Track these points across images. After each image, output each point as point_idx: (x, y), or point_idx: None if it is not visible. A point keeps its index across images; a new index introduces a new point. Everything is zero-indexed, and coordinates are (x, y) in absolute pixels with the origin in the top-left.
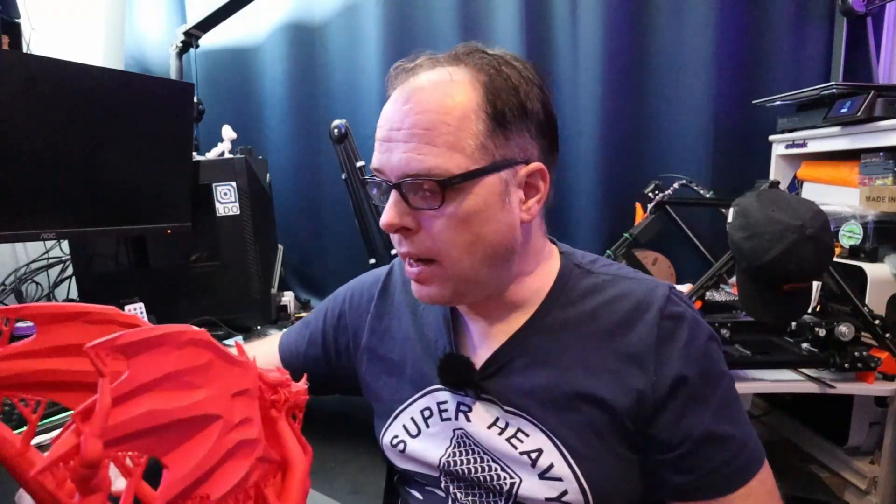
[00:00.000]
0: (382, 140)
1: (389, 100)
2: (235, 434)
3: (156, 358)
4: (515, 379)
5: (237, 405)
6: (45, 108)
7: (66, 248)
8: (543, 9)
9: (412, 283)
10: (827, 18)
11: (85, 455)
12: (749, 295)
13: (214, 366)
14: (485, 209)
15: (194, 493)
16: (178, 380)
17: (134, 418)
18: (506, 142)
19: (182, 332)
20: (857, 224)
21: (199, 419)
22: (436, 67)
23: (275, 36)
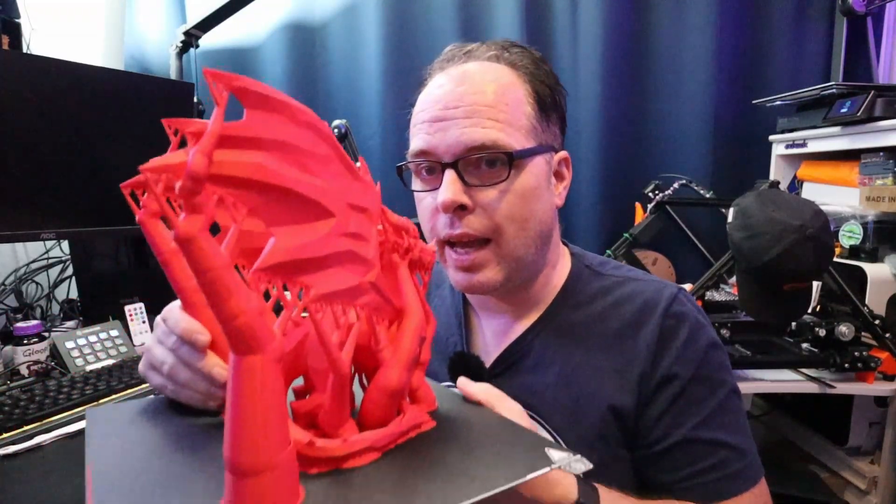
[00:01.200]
0: (433, 121)
1: (433, 85)
2: (347, 242)
3: (274, 120)
4: (524, 378)
5: (353, 217)
6: (44, 108)
7: (66, 248)
8: (543, 9)
9: (457, 272)
10: (827, 18)
11: (191, 166)
12: (749, 295)
13: (333, 164)
14: (537, 186)
15: (295, 277)
16: (295, 155)
17: (243, 163)
18: (547, 127)
19: (304, 111)
20: (857, 224)
21: (310, 204)
22: (482, 56)
23: (275, 36)
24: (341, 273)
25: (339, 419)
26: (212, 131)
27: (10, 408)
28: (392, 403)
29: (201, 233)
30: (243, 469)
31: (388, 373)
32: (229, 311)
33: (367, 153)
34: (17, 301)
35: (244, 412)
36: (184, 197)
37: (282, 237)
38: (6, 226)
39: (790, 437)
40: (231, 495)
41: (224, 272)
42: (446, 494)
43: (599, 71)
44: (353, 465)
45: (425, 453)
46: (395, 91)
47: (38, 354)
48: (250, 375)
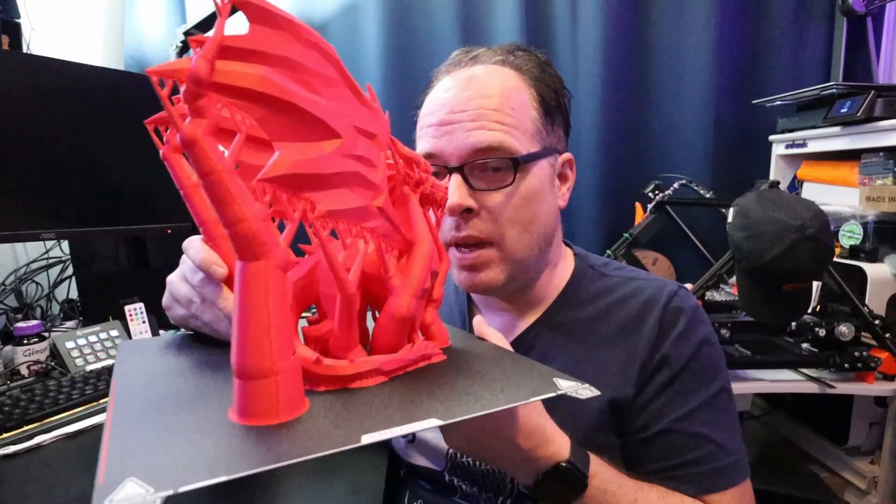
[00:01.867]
0: (439, 125)
1: (439, 88)
2: (354, 164)
3: (278, 37)
4: None
5: (361, 141)
6: (44, 108)
7: (66, 248)
8: (543, 9)
9: (461, 272)
10: (827, 18)
11: (194, 69)
12: (749, 295)
13: (340, 88)
14: (541, 190)
15: (300, 191)
16: (299, 73)
17: (247, 74)
18: (552, 130)
19: (309, 31)
20: (857, 224)
21: (315, 122)
22: (488, 61)
23: None
24: (348, 194)
25: (348, 342)
26: (214, 38)
27: (10, 408)
28: (401, 330)
29: (204, 136)
30: (249, 372)
31: (397, 300)
32: (233, 215)
33: None
34: (17, 301)
35: (249, 316)
36: (187, 100)
37: (286, 151)
38: (6, 226)
39: (790, 437)
40: (238, 400)
41: (227, 176)
42: (448, 408)
43: (599, 71)
44: (360, 386)
45: (433, 379)
46: (395, 91)
47: (38, 354)
48: (255, 281)
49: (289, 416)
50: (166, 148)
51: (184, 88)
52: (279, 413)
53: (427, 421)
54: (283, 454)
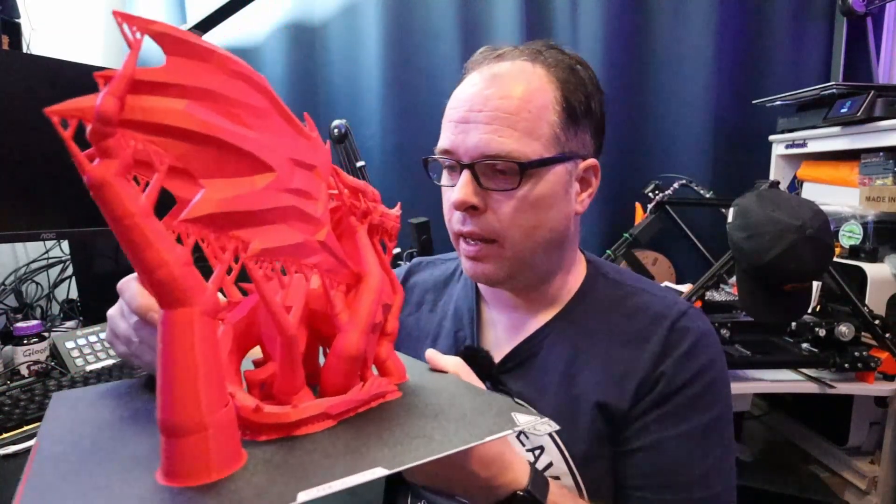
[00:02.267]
0: (458, 121)
1: (466, 83)
2: (290, 198)
3: (199, 69)
4: (531, 376)
5: (298, 174)
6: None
7: (66, 248)
8: (543, 9)
9: (466, 261)
10: (827, 18)
11: (100, 107)
12: (749, 295)
13: (272, 119)
14: (551, 196)
15: (229, 230)
16: (224, 105)
17: (164, 109)
18: (574, 136)
19: (234, 60)
20: (857, 224)
21: (245, 157)
22: (518, 59)
23: (275, 36)
24: (285, 230)
25: (293, 386)
26: (123, 74)
27: (10, 408)
28: (351, 370)
29: (115, 178)
30: (175, 429)
31: (345, 338)
32: (149, 263)
33: (367, 153)
34: (17, 301)
35: (174, 368)
36: (93, 140)
37: (212, 189)
38: (6, 226)
39: (790, 437)
40: (165, 459)
41: (141, 220)
42: (396, 454)
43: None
44: (307, 432)
45: (385, 420)
46: (395, 91)
47: (38, 354)
48: (179, 329)
49: (222, 472)
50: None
51: (89, 128)
52: (210, 471)
53: (371, 471)
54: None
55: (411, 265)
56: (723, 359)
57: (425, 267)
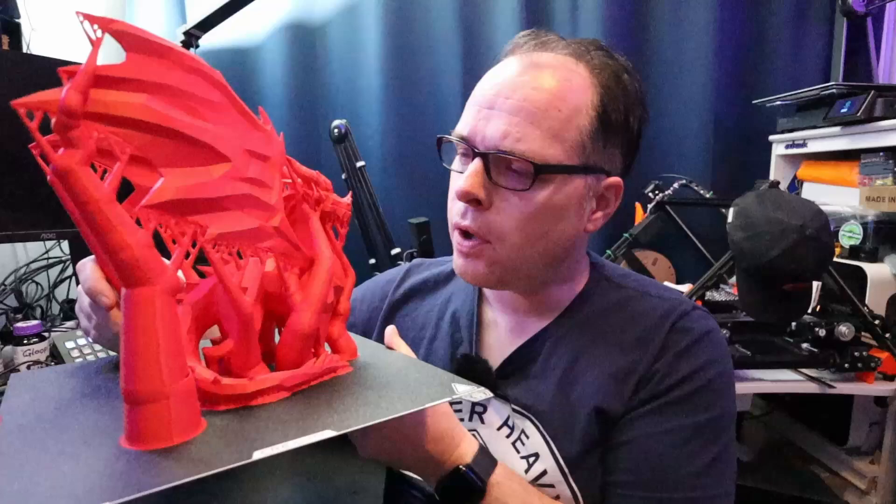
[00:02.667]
0: (482, 105)
1: (501, 65)
2: (246, 187)
3: (157, 64)
4: (530, 382)
5: (253, 164)
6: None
7: (66, 248)
8: (543, 9)
9: (458, 256)
10: (827, 18)
11: (64, 101)
12: (749, 295)
13: (227, 112)
14: (563, 207)
15: (187, 216)
16: (182, 99)
17: (124, 102)
18: (602, 149)
19: (190, 56)
20: (857, 224)
21: (202, 147)
22: (562, 52)
23: (275, 36)
24: (240, 216)
25: (249, 361)
26: (85, 69)
27: None
28: (304, 346)
29: (80, 166)
30: (138, 397)
31: (298, 316)
32: (113, 244)
33: (367, 153)
34: (17, 301)
35: (136, 341)
36: (58, 132)
37: (171, 177)
38: (6, 226)
39: (790, 437)
40: (128, 425)
41: (105, 205)
42: (343, 419)
43: None
44: (262, 402)
45: (336, 392)
46: (395, 91)
47: (38, 354)
48: (141, 306)
49: (182, 437)
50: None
51: (54, 120)
52: (172, 436)
53: (322, 433)
54: (170, 476)
55: (411, 265)
56: (725, 359)
57: (425, 268)
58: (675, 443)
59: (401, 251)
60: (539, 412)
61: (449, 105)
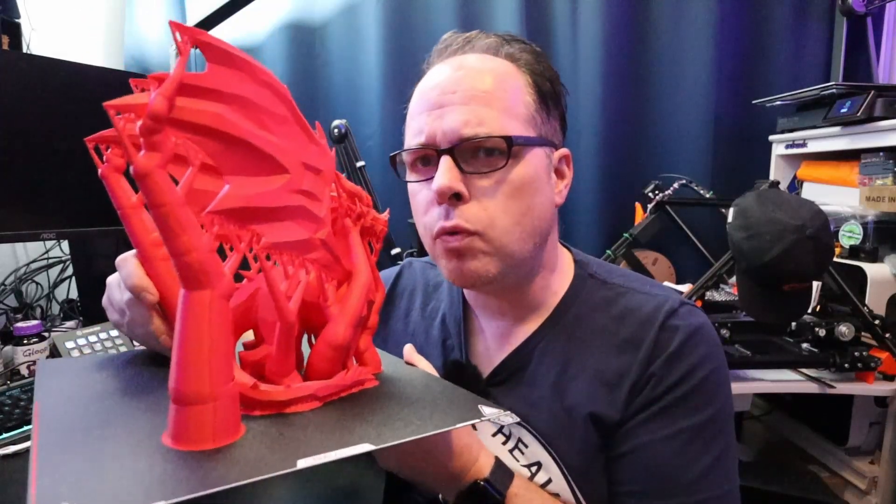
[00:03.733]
0: (431, 108)
1: (434, 71)
2: (300, 199)
3: (234, 76)
4: (522, 389)
5: (307, 176)
6: (45, 108)
7: (66, 248)
8: (543, 9)
9: (449, 262)
10: (827, 18)
11: (152, 106)
12: (749, 295)
13: (290, 125)
14: (536, 179)
15: (247, 224)
16: (252, 111)
17: (203, 111)
18: (547, 121)
19: (263, 71)
20: (857, 224)
21: (265, 158)
22: (481, 49)
23: (275, 36)
24: (293, 227)
25: (285, 368)
26: (173, 77)
27: (10, 408)
28: (337, 357)
29: (158, 169)
30: (186, 398)
31: (334, 328)
32: (181, 246)
33: (367, 153)
34: (17, 301)
35: (189, 344)
36: (143, 135)
37: (236, 185)
38: (6, 226)
39: (790, 437)
40: (174, 424)
41: (178, 208)
42: (380, 433)
43: (599, 71)
44: (295, 410)
45: (365, 404)
46: (395, 91)
47: (38, 354)
48: (199, 309)
49: (224, 441)
50: (106, 167)
51: (140, 123)
52: (214, 438)
53: (360, 446)
54: (219, 479)
55: (402, 266)
56: (717, 354)
57: (417, 269)
58: (677, 447)
59: (401, 251)
60: (535, 421)
61: None
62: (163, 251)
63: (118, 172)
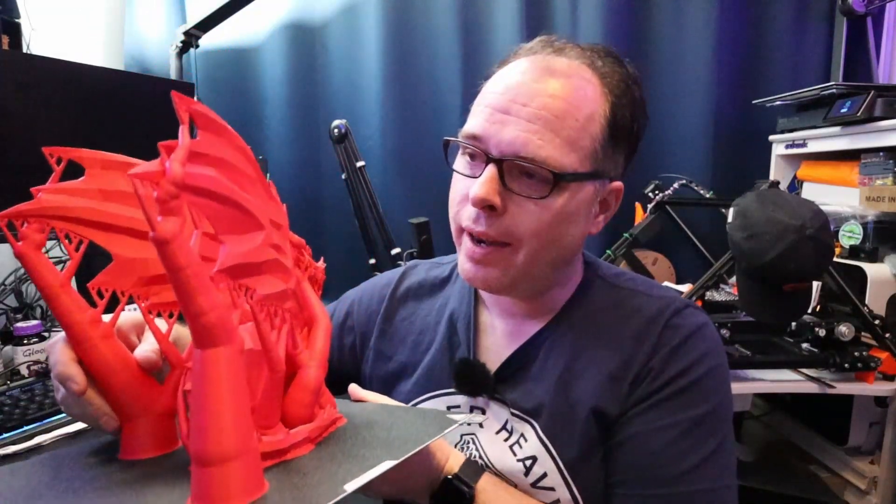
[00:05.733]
0: (497, 109)
1: (513, 68)
2: (273, 252)
3: (219, 142)
4: (528, 385)
5: (274, 231)
6: (45, 108)
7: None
8: (543, 9)
9: (467, 261)
10: (827, 18)
11: (171, 173)
12: (749, 295)
13: (257, 185)
14: (576, 212)
15: (241, 279)
16: (233, 173)
17: (204, 175)
18: (612, 155)
19: (236, 136)
20: (857, 224)
21: (249, 218)
22: (576, 59)
23: (275, 36)
24: (272, 279)
25: (273, 418)
26: (184, 145)
27: (10, 408)
28: (314, 401)
29: (179, 234)
30: (211, 458)
31: (307, 373)
32: (199, 308)
33: (367, 153)
34: (17, 301)
35: (212, 403)
36: (163, 202)
37: (231, 243)
38: None
39: (790, 437)
40: (199, 488)
41: (198, 269)
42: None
43: None
44: (294, 456)
45: (353, 437)
46: (396, 91)
47: (38, 354)
48: (217, 367)
49: (253, 496)
50: (24, 245)
51: (159, 191)
52: (245, 495)
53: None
54: None
55: (407, 267)
56: (718, 353)
57: (421, 270)
58: (672, 438)
59: (401, 251)
60: (538, 415)
61: (449, 105)
62: (101, 329)
63: (38, 249)
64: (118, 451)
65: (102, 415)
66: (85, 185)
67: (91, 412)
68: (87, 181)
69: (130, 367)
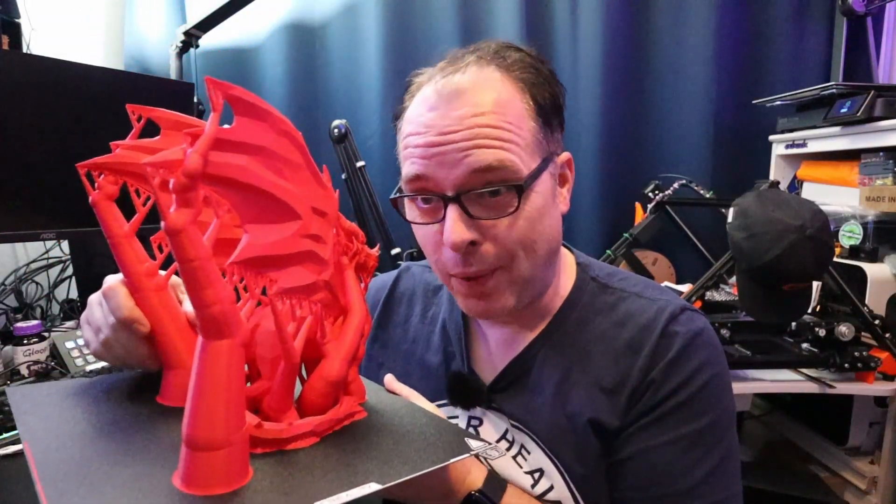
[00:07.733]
0: (427, 146)
1: (422, 103)
2: (309, 243)
3: (258, 127)
4: (524, 396)
5: (315, 220)
6: (45, 108)
7: (66, 248)
8: (544, 9)
9: (468, 300)
10: (827, 18)
11: (188, 164)
12: (749, 295)
13: (303, 172)
14: (545, 205)
15: (263, 271)
16: (272, 160)
17: (231, 165)
18: (551, 135)
19: (283, 121)
20: (857, 224)
21: (282, 207)
22: (472, 67)
23: (275, 36)
24: (301, 271)
25: (285, 405)
26: (208, 134)
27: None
28: (332, 393)
29: (190, 225)
30: (201, 444)
31: (331, 364)
32: (207, 299)
33: (367, 153)
34: (17, 301)
35: (208, 392)
36: (177, 191)
37: (254, 234)
38: (6, 226)
39: (790, 437)
40: (187, 468)
41: (206, 262)
42: (383, 472)
43: (600, 72)
44: (296, 447)
45: (360, 439)
46: (395, 91)
47: (38, 354)
48: (218, 359)
49: (235, 484)
50: (98, 194)
51: (174, 181)
52: (227, 482)
53: (368, 486)
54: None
55: (401, 270)
56: (719, 359)
57: (416, 273)
58: (677, 453)
59: (401, 251)
60: (537, 427)
61: None
62: (156, 281)
63: (110, 200)
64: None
65: (149, 357)
66: (159, 143)
67: (143, 352)
68: (162, 140)
69: (177, 319)
